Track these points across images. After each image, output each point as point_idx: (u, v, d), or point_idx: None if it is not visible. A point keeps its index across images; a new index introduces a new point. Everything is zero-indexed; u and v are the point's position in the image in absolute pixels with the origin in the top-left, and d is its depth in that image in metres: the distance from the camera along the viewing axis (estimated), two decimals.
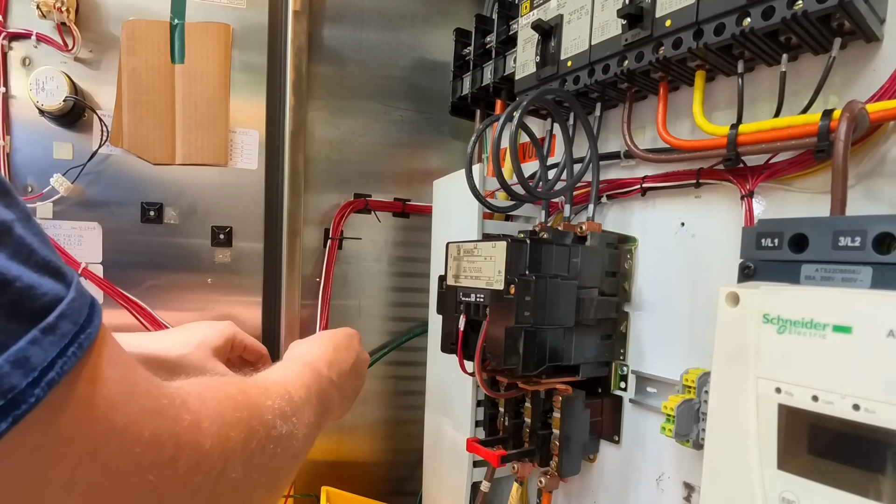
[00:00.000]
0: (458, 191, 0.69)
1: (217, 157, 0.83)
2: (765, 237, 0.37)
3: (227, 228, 0.85)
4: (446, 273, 0.60)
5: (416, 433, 0.87)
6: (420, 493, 0.87)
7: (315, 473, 0.93)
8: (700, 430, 0.46)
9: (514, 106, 0.54)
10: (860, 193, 0.41)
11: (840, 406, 0.30)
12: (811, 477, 0.31)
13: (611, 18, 0.53)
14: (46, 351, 0.15)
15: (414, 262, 0.99)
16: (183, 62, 0.81)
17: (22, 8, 0.74)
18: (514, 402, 0.61)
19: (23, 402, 0.14)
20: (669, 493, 0.54)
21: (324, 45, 0.92)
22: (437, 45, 0.98)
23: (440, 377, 0.79)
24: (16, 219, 0.16)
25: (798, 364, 0.32)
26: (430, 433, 0.82)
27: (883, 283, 0.31)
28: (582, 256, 0.54)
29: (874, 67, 0.41)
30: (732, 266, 0.41)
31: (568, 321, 0.53)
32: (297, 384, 0.37)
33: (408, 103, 0.98)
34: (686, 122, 0.54)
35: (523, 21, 0.66)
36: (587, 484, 0.64)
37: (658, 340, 0.56)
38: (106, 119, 0.78)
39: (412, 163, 1.00)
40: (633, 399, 0.58)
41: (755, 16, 0.41)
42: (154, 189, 0.81)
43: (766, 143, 0.43)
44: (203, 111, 0.82)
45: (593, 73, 0.55)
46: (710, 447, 0.37)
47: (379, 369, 0.98)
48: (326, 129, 0.93)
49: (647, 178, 0.56)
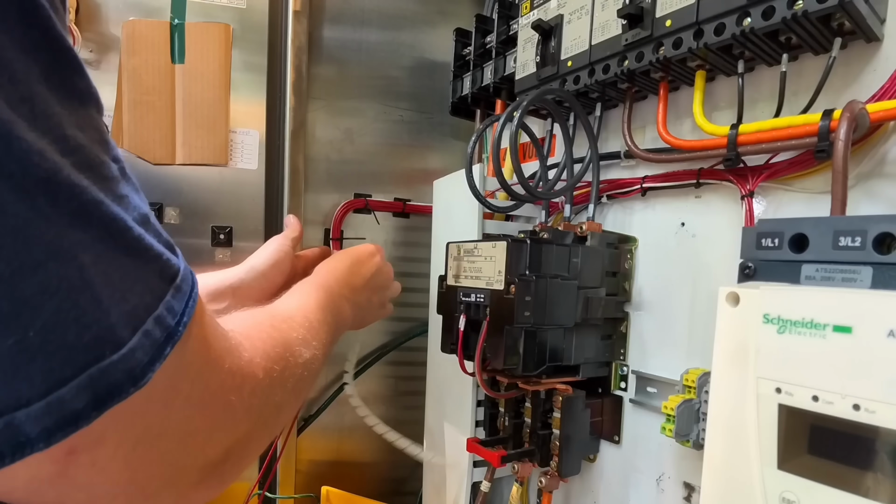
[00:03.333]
0: (459, 191, 0.69)
1: (217, 157, 0.83)
2: (765, 237, 0.37)
3: (227, 228, 0.85)
4: (446, 273, 0.60)
5: (416, 433, 0.87)
6: (420, 493, 0.87)
7: (315, 473, 0.93)
8: (700, 430, 0.46)
9: (514, 106, 0.54)
10: (860, 193, 0.41)
11: (840, 406, 0.30)
12: (811, 477, 0.31)
13: (611, 18, 0.53)
14: (180, 302, 0.22)
15: (414, 262, 0.98)
16: (183, 62, 0.81)
17: None
18: (514, 402, 0.61)
19: (175, 334, 0.21)
20: (669, 493, 0.54)
21: (324, 45, 0.91)
22: (437, 45, 0.98)
23: (440, 377, 0.79)
24: (149, 211, 0.22)
25: (798, 364, 0.32)
26: (429, 433, 0.82)
27: (883, 283, 0.31)
28: (582, 256, 0.54)
29: (874, 67, 0.41)
30: (732, 266, 0.41)
31: (568, 321, 0.53)
32: (314, 308, 0.43)
33: (408, 103, 0.98)
34: (686, 122, 0.54)
35: (523, 21, 0.66)
36: (587, 484, 0.64)
37: (658, 340, 0.56)
38: (106, 119, 0.77)
39: (412, 163, 1.00)
40: (633, 399, 0.58)
41: (755, 16, 0.41)
42: (154, 189, 0.81)
43: (766, 143, 0.43)
44: (203, 111, 0.82)
45: (593, 73, 0.55)
46: (711, 447, 0.37)
47: (379, 369, 0.98)
48: (326, 129, 0.93)
49: (647, 178, 0.56)
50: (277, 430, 0.35)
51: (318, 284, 0.50)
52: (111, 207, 0.19)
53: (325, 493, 0.85)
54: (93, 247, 0.18)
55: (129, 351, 0.19)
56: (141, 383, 0.19)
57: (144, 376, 0.19)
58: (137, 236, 0.20)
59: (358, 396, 0.91)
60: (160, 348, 0.20)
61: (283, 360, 0.32)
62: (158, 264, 0.21)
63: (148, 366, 0.20)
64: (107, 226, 0.19)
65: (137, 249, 0.20)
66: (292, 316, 0.40)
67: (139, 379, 0.19)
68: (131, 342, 0.19)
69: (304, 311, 0.42)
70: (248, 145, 0.85)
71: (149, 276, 0.20)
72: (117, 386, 0.19)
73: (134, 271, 0.20)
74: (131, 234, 0.19)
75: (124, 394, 0.19)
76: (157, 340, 0.20)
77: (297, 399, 0.36)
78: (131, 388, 0.19)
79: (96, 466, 0.20)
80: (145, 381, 0.19)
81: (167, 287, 0.21)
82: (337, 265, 0.56)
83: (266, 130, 0.86)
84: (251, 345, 0.29)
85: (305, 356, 0.36)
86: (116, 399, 0.19)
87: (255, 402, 0.28)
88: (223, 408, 0.26)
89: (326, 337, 0.43)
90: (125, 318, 0.19)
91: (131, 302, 0.19)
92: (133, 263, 0.20)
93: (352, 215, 0.94)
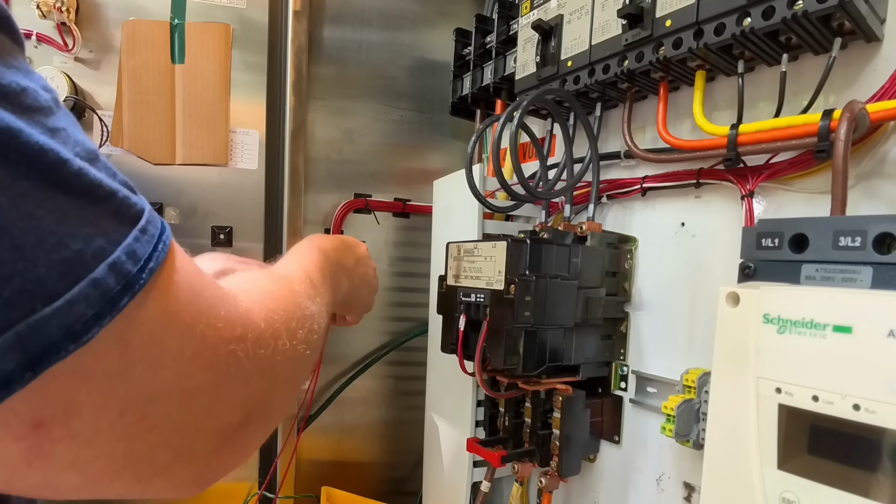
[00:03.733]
0: (459, 191, 0.69)
1: (217, 157, 0.83)
2: (765, 237, 0.37)
3: (227, 228, 0.85)
4: (446, 273, 0.60)
5: (416, 433, 0.87)
6: (420, 493, 0.87)
7: (315, 473, 0.93)
8: (700, 430, 0.46)
9: (514, 106, 0.54)
10: (860, 193, 0.41)
11: (840, 406, 0.30)
12: (811, 477, 0.31)
13: (611, 18, 0.53)
14: (145, 246, 0.19)
15: (414, 262, 0.99)
16: (183, 62, 0.81)
17: (22, 8, 0.74)
18: (514, 402, 0.61)
19: (136, 283, 0.18)
20: (669, 493, 0.54)
21: (324, 45, 0.92)
22: (437, 45, 0.98)
23: (440, 377, 0.79)
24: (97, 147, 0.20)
25: (798, 364, 0.32)
26: (430, 433, 0.82)
27: (883, 283, 0.31)
28: (582, 256, 0.54)
29: (874, 67, 0.41)
30: (732, 266, 0.41)
31: (568, 321, 0.53)
32: (312, 268, 0.41)
33: (408, 103, 0.98)
34: (686, 122, 0.54)
35: (523, 21, 0.66)
36: (587, 484, 0.64)
37: (658, 340, 0.56)
38: (106, 119, 0.78)
39: (412, 163, 1.00)
40: (633, 399, 0.58)
41: (755, 16, 0.41)
42: (154, 189, 0.81)
43: (766, 143, 0.43)
44: (203, 111, 0.82)
45: (593, 73, 0.55)
46: (711, 447, 0.37)
47: (379, 369, 0.98)
48: (326, 129, 0.93)
49: (647, 178, 0.56)
50: (296, 386, 0.33)
51: (316, 246, 0.47)
52: (35, 136, 0.16)
53: (325, 493, 0.85)
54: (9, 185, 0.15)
55: (64, 304, 0.16)
56: (84, 339, 0.17)
57: (88, 331, 0.17)
58: (77, 171, 0.17)
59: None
60: (112, 300, 0.18)
61: (286, 311, 0.30)
62: (112, 203, 0.18)
63: (93, 320, 0.17)
64: (29, 159, 0.16)
65: (79, 186, 0.17)
66: (293, 274, 0.38)
67: (81, 335, 0.17)
68: (69, 294, 0.17)
69: (305, 270, 0.40)
70: (248, 145, 0.85)
71: (99, 217, 0.18)
72: (53, 343, 0.16)
73: (75, 212, 0.17)
74: (68, 169, 0.17)
75: (63, 352, 0.16)
76: (109, 290, 0.18)
77: (311, 354, 0.34)
78: (71, 345, 0.17)
79: (79, 440, 0.18)
80: (90, 337, 0.17)
81: (127, 229, 0.19)
82: (330, 238, 0.53)
83: (266, 130, 0.86)
84: (247, 296, 0.27)
85: (311, 310, 0.34)
86: (54, 358, 0.16)
87: (262, 353, 0.25)
88: (227, 360, 0.23)
89: (326, 297, 0.41)
90: (61, 267, 0.16)
91: (72, 247, 0.17)
92: (73, 203, 0.17)
93: (352, 215, 0.94)
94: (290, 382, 0.31)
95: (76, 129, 0.19)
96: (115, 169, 0.20)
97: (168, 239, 0.21)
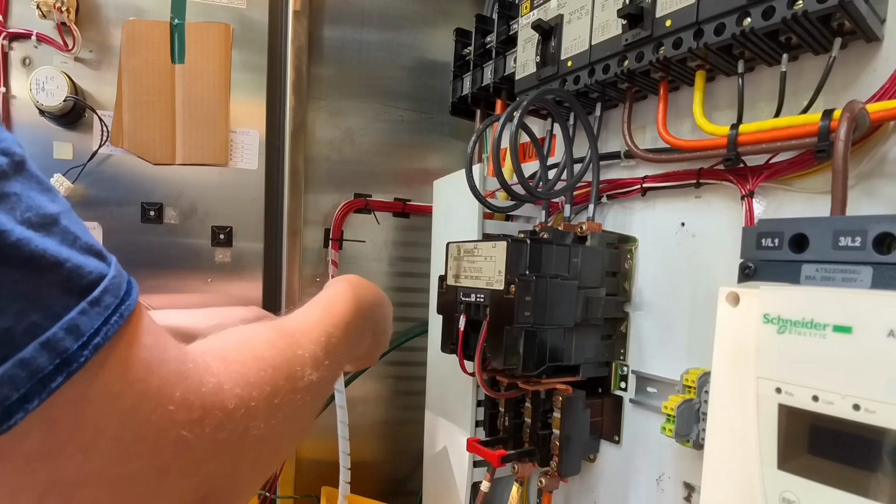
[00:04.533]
0: (459, 191, 0.69)
1: (217, 157, 0.83)
2: (765, 237, 0.37)
3: (227, 228, 0.85)
4: (446, 273, 0.60)
5: (416, 433, 0.87)
6: (420, 493, 0.87)
7: (315, 473, 0.93)
8: (700, 430, 0.46)
9: (514, 106, 0.54)
10: (860, 193, 0.41)
11: (840, 406, 0.30)
12: (811, 477, 0.31)
13: (611, 18, 0.53)
14: (93, 320, 0.18)
15: (414, 262, 0.99)
16: (183, 62, 0.81)
17: (22, 8, 0.74)
18: (514, 402, 0.61)
19: (74, 361, 0.17)
20: (669, 493, 0.54)
21: (324, 45, 0.91)
22: (437, 45, 0.98)
23: (440, 377, 0.79)
24: (61, 211, 0.19)
25: (798, 364, 0.32)
26: (430, 433, 0.82)
27: (883, 283, 0.31)
28: (582, 256, 0.54)
29: (874, 67, 0.41)
30: (732, 266, 0.41)
31: (568, 321, 0.53)
32: (338, 322, 0.38)
33: (408, 103, 0.98)
34: (686, 122, 0.54)
35: (523, 21, 0.66)
36: (587, 484, 0.64)
37: (658, 340, 0.56)
38: (106, 119, 0.78)
39: (412, 163, 1.00)
40: (633, 399, 0.58)
41: (755, 16, 0.41)
42: (154, 189, 0.81)
43: (766, 143, 0.43)
44: (203, 111, 0.82)
45: (593, 73, 0.55)
46: (711, 447, 0.37)
47: (379, 369, 0.98)
48: (326, 129, 0.93)
49: (647, 178, 0.56)
50: (273, 463, 0.31)
51: (354, 295, 0.43)
52: None
53: (325, 494, 0.85)
54: None
55: None
56: (5, 426, 0.16)
57: (11, 417, 0.16)
58: (15, 241, 0.16)
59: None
60: (43, 381, 0.16)
61: (272, 385, 0.27)
62: (57, 274, 0.17)
63: (17, 404, 0.16)
64: None
65: (17, 257, 0.16)
66: (306, 331, 0.34)
67: (2, 421, 0.16)
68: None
69: (326, 325, 0.36)
70: (248, 145, 0.85)
71: (38, 290, 0.17)
72: None
73: (9, 285, 0.16)
74: (4, 239, 0.16)
75: None
76: (39, 370, 0.16)
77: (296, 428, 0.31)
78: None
79: None
80: (13, 423, 0.16)
81: (73, 301, 0.18)
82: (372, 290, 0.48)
83: (266, 130, 0.86)
84: (223, 368, 0.25)
85: (311, 378, 0.31)
86: None
87: (223, 436, 0.23)
88: (174, 446, 0.21)
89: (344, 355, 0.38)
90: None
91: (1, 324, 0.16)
92: (9, 275, 0.16)
93: (352, 215, 0.94)
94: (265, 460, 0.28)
95: (36, 191, 0.18)
96: (78, 233, 0.19)
97: (128, 310, 0.20)
